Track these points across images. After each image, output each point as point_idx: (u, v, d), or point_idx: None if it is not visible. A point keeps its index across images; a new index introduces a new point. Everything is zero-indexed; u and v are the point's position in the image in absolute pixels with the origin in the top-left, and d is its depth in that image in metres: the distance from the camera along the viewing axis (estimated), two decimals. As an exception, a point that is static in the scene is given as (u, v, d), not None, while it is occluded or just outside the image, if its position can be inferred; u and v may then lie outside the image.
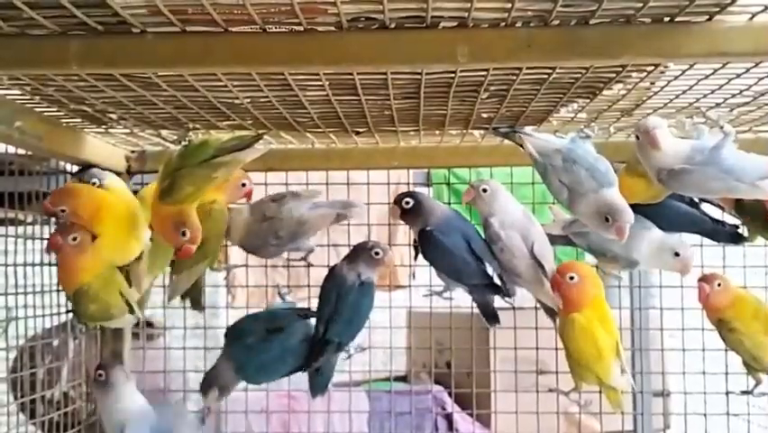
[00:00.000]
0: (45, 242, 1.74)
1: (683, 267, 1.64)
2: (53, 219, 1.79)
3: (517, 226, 1.64)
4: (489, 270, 1.66)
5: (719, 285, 1.64)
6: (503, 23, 1.07)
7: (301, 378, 1.80)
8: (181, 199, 1.42)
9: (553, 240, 1.69)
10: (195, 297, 1.79)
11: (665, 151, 1.38)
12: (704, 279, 1.66)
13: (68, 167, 1.80)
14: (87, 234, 1.52)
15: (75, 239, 1.50)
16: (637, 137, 1.41)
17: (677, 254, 1.62)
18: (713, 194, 1.55)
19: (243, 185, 1.70)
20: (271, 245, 1.71)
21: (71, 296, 1.55)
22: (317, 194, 1.76)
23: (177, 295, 1.72)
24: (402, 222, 1.77)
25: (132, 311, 1.59)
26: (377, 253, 1.66)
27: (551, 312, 1.68)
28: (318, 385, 1.73)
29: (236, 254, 1.86)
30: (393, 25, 1.07)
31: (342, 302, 1.66)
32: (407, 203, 1.67)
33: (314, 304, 1.75)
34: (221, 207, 1.68)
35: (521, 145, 1.55)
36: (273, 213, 1.68)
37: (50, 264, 1.74)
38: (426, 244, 1.68)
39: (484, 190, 1.66)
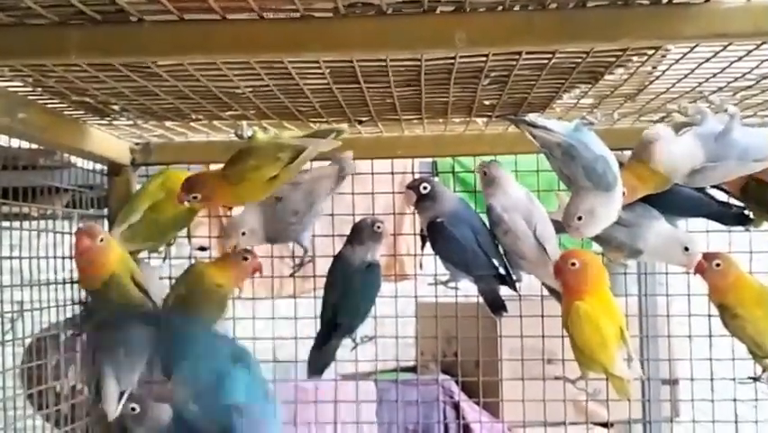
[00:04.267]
0: (56, 236, 1.76)
1: (690, 262, 1.63)
2: (60, 214, 1.81)
3: (520, 209, 1.63)
4: (495, 261, 1.66)
5: (717, 265, 1.62)
6: (500, 7, 1.07)
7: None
8: (242, 171, 1.46)
9: (560, 227, 1.68)
10: None
11: (678, 154, 1.38)
12: (705, 256, 1.65)
13: (72, 160, 1.80)
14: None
15: (102, 240, 1.52)
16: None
17: (687, 249, 1.61)
18: (734, 176, 1.53)
19: (245, 258, 1.70)
20: (291, 224, 1.68)
21: (99, 287, 1.56)
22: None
23: None
24: (410, 210, 1.77)
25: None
26: (378, 228, 1.67)
27: (557, 295, 1.68)
28: (316, 368, 1.73)
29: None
30: (390, 11, 1.07)
31: (350, 286, 1.67)
32: (425, 188, 1.67)
33: (320, 294, 1.76)
34: (225, 293, 1.72)
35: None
36: (283, 193, 1.65)
37: (54, 258, 1.75)
38: (436, 236, 1.68)
39: (484, 174, 1.66)
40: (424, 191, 1.67)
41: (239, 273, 1.71)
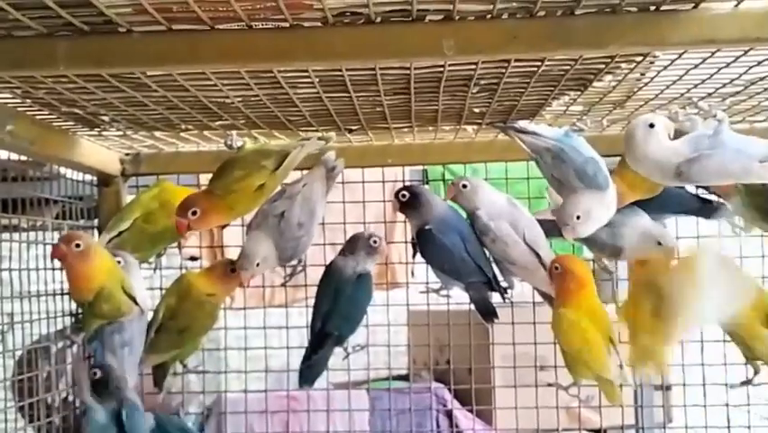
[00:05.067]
0: (46, 247, 1.75)
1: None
2: (49, 225, 1.80)
3: (505, 215, 1.64)
4: (485, 268, 1.66)
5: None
6: (489, 15, 1.07)
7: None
8: (229, 184, 1.46)
9: (550, 229, 1.67)
10: (158, 377, 1.78)
11: (668, 146, 1.36)
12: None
13: (62, 171, 1.79)
14: (92, 240, 1.55)
15: (78, 246, 1.50)
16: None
17: (659, 243, 1.61)
18: (732, 178, 1.50)
19: (232, 270, 1.68)
20: (300, 237, 1.64)
21: (91, 300, 1.54)
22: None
23: (141, 371, 1.73)
24: (400, 219, 1.77)
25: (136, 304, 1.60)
26: (375, 242, 1.68)
27: (549, 299, 1.68)
28: (307, 377, 1.72)
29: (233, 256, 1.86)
30: (379, 20, 1.07)
31: (341, 295, 1.67)
32: (404, 196, 1.67)
33: (311, 303, 1.75)
34: (216, 302, 1.71)
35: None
36: (285, 207, 1.62)
37: (45, 269, 1.74)
38: (426, 244, 1.68)
39: (464, 186, 1.66)
40: (402, 199, 1.67)
41: (228, 283, 1.70)
